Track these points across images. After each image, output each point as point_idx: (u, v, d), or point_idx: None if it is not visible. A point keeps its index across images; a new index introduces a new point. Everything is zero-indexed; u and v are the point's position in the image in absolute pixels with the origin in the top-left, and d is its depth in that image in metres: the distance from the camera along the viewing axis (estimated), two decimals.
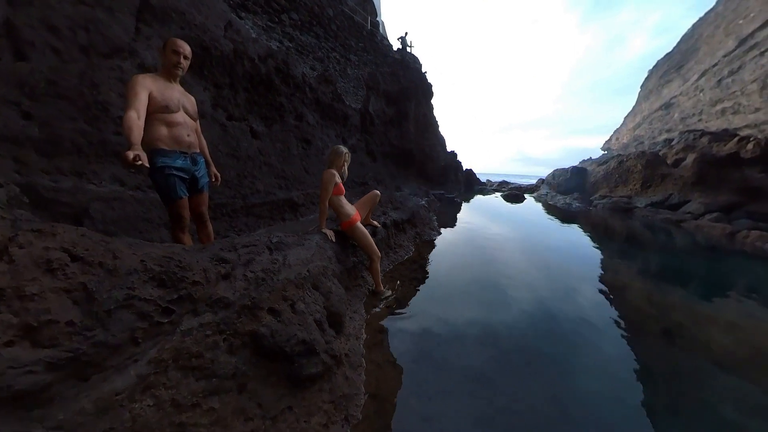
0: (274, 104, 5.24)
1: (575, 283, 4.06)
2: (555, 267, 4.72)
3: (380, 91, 9.78)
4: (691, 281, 4.54)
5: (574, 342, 2.59)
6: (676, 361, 2.44)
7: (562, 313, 3.08)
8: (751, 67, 20.04)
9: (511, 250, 5.42)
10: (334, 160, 2.68)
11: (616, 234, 7.48)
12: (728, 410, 1.93)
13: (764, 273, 5.17)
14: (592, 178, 14.16)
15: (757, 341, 2.81)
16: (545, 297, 3.46)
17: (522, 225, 8.00)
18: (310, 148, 5.61)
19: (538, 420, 1.73)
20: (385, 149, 9.17)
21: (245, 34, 5.13)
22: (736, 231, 7.31)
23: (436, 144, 12.15)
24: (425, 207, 6.76)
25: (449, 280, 3.62)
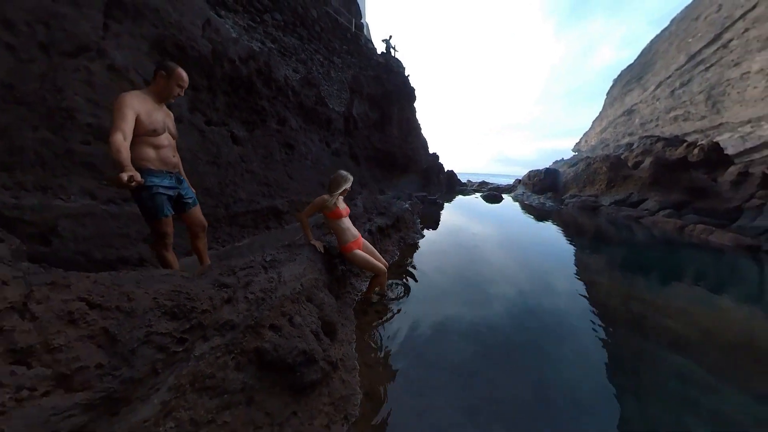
0: (255, 108, 5.06)
1: (550, 276, 4.36)
2: (531, 262, 5.03)
3: (364, 95, 9.72)
4: (649, 272, 5.01)
5: (551, 332, 2.80)
6: (638, 346, 2.71)
7: (539, 305, 3.32)
8: (698, 80, 22.47)
9: (491, 247, 5.67)
10: (333, 186, 2.60)
11: (585, 230, 8.06)
12: (678, 387, 2.22)
13: (708, 261, 5.88)
14: (564, 178, 15.22)
15: (703, 324, 3.17)
16: (523, 290, 3.70)
17: (500, 223, 8.37)
18: (294, 154, 5.48)
19: (521, 406, 1.89)
20: (369, 153, 9.14)
21: (225, 33, 4.91)
22: (685, 225, 8.28)
23: (418, 147, 12.27)
24: (409, 210, 6.83)
25: (434, 280, 3.71)
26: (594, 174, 13.26)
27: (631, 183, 11.52)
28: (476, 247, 5.57)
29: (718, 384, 2.28)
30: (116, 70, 3.03)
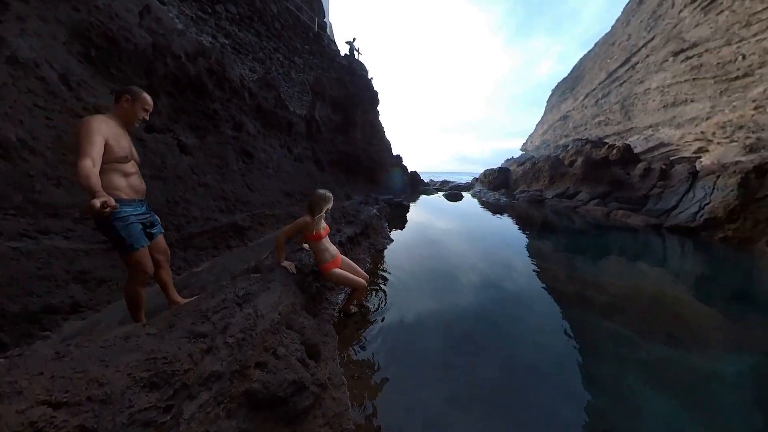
0: (206, 112, 4.58)
1: (507, 262, 4.97)
2: (491, 251, 5.67)
3: (326, 97, 9.43)
4: (585, 252, 5.97)
5: (511, 313, 3.19)
6: (580, 317, 3.23)
7: (499, 289, 3.75)
8: (614, 93, 27.27)
9: (455, 241, 6.13)
10: (314, 208, 2.48)
11: (533, 221, 9.27)
12: (611, 346, 2.75)
13: (627, 239, 7.29)
14: (514, 176, 17.11)
15: (625, 293, 3.90)
16: (485, 276, 4.14)
17: (462, 219, 9.08)
18: (253, 162, 5.09)
19: (493, 384, 2.14)
20: (333, 157, 8.91)
21: (168, 24, 4.35)
22: (610, 211, 10.29)
23: (382, 150, 12.34)
24: (377, 215, 6.84)
25: (405, 282, 3.81)
26: (538, 172, 15.25)
27: (568, 179, 13.53)
28: (442, 243, 5.94)
29: (638, 339, 2.85)
30: (20, 64, 2.48)
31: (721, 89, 18.41)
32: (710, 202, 7.85)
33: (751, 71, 17.43)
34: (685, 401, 2.12)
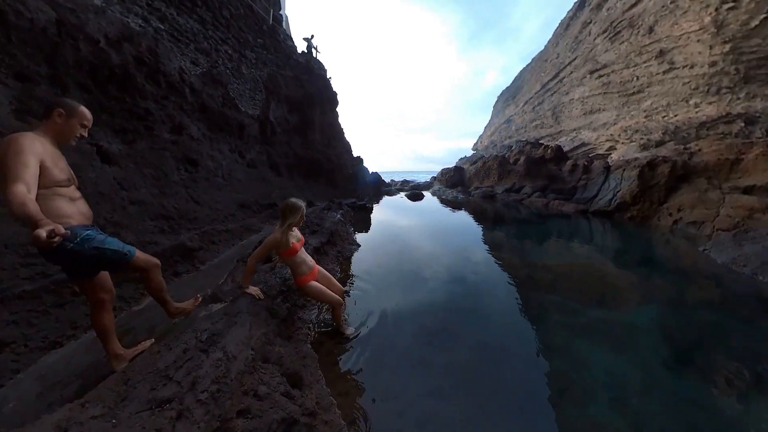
0: (135, 111, 3.88)
1: (468, 252, 5.43)
2: (452, 243, 6.13)
3: (282, 97, 8.81)
4: (532, 238, 6.84)
5: (476, 299, 3.48)
6: (533, 296, 3.66)
7: (463, 277, 4.05)
8: (547, 102, 31.69)
9: (419, 238, 6.41)
10: (287, 217, 2.22)
11: (487, 214, 10.41)
12: (558, 317, 3.17)
13: (563, 224, 8.58)
14: (468, 174, 18.63)
15: (565, 270, 4.58)
16: (451, 268, 4.42)
17: (424, 217, 9.59)
18: (198, 171, 4.48)
19: (469, 369, 2.29)
20: (290, 161, 8.36)
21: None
22: (548, 202, 11.99)
23: (343, 152, 12.05)
24: (342, 221, 6.64)
25: (377, 286, 3.77)
26: (489, 170, 16.89)
27: (514, 175, 15.28)
28: (407, 241, 6.12)
29: (578, 306, 3.35)
30: None
31: (623, 102, 22.69)
32: (620, 190, 9.62)
33: (642, 89, 21.67)
34: (616, 349, 2.65)
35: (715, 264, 5.04)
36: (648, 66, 20.89)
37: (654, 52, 20.72)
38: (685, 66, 19.02)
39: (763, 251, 4.74)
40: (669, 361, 2.54)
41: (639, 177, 9.16)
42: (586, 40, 26.43)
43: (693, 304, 3.68)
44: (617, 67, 22.96)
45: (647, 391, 2.16)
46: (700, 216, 7.43)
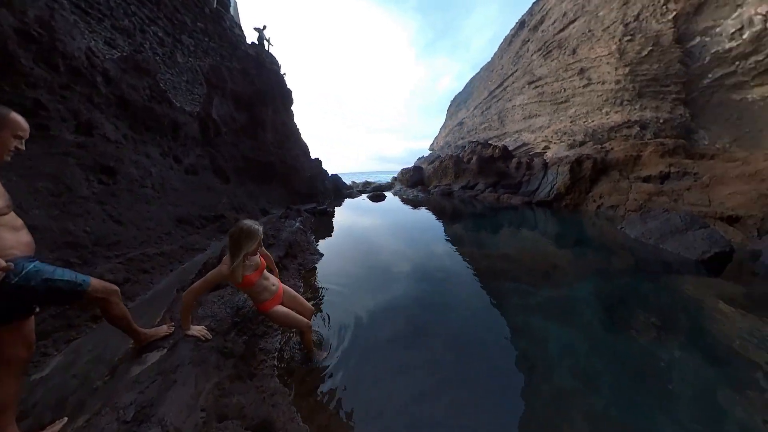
0: (21, 104, 2.98)
1: (431, 247, 5.65)
2: (415, 240, 6.33)
3: (227, 92, 7.83)
4: (488, 230, 7.44)
5: (441, 292, 3.61)
6: (493, 284, 3.91)
7: (432, 274, 4.16)
8: (494, 107, 35.45)
9: (384, 239, 6.41)
10: (240, 246, 1.81)
11: (446, 210, 10.93)
12: (516, 300, 3.45)
13: (513, 216, 9.46)
14: (427, 173, 19.89)
15: (518, 257, 5.04)
16: (418, 265, 4.50)
17: (387, 217, 9.64)
18: (117, 181, 3.64)
19: (444, 365, 2.34)
20: (239, 165, 7.48)
21: None
22: (500, 196, 13.08)
23: (299, 154, 11.30)
24: (301, 229, 6.17)
25: (345, 295, 3.58)
26: (446, 169, 18.11)
27: (468, 173, 16.64)
28: (372, 243, 6.02)
29: (532, 288, 3.73)
30: None
31: (554, 109, 26.64)
32: (556, 183, 11.28)
33: (568, 99, 25.70)
34: (565, 321, 3.05)
35: (629, 238, 6.19)
36: (572, 80, 24.83)
37: (576, 69, 24.56)
38: (599, 82, 23.12)
39: (660, 225, 5.94)
40: (605, 323, 3.05)
41: (570, 171, 11.07)
42: (525, 55, 30.99)
43: (616, 272, 4.46)
44: (549, 80, 26.84)
45: (594, 352, 2.56)
46: (616, 201, 9.28)
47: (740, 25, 19.17)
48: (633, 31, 22.16)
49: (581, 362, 2.43)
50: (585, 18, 24.82)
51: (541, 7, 29.84)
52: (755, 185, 6.92)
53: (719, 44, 19.69)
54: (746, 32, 19.18)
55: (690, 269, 4.51)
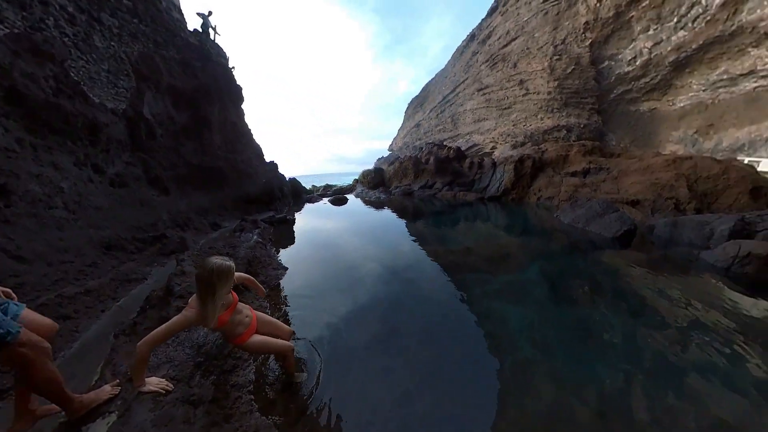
0: None
1: (396, 245, 5.87)
2: (380, 239, 6.50)
3: (164, 86, 6.73)
4: (447, 226, 7.93)
5: (409, 288, 3.77)
6: (456, 276, 4.18)
7: (400, 273, 4.30)
8: (448, 110, 38.08)
9: (349, 242, 6.40)
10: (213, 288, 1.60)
11: (408, 209, 11.41)
12: (477, 288, 3.77)
13: (469, 211, 10.33)
14: (388, 174, 20.13)
15: (475, 250, 5.45)
16: (385, 266, 4.60)
17: (351, 220, 9.58)
18: (10, 202, 2.82)
19: (427, 360, 2.44)
20: (181, 172, 6.50)
21: None
22: (456, 193, 14.19)
23: (252, 157, 10.35)
24: (260, 242, 5.65)
25: (315, 308, 3.44)
26: (405, 169, 18.76)
27: (426, 173, 17.51)
28: (337, 248, 5.92)
29: (490, 276, 4.13)
30: None
31: (499, 114, 29.75)
32: (503, 179, 12.71)
33: (511, 105, 28.99)
34: (520, 300, 3.45)
35: (563, 224, 7.34)
36: (513, 90, 28.03)
37: (517, 80, 27.69)
38: (535, 92, 26.49)
39: (585, 212, 7.28)
40: (552, 296, 3.55)
41: (514, 170, 12.68)
42: (475, 65, 34.05)
43: (556, 253, 5.29)
44: (495, 88, 29.78)
45: (545, 323, 2.98)
46: (551, 193, 11.07)
47: (634, 54, 23.91)
48: (560, 52, 26.09)
49: (537, 333, 2.82)
50: (524, 37, 28.21)
51: (489, 24, 33.01)
52: (648, 176, 8.81)
53: (621, 68, 24.36)
54: (638, 60, 23.96)
55: (609, 244, 5.65)
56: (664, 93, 23.66)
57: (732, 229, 5.06)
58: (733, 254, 4.30)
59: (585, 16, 24.28)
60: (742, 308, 3.22)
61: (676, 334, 2.77)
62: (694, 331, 2.79)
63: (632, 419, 1.88)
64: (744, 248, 4.26)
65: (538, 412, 1.95)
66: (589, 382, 2.19)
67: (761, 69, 19.09)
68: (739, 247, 4.31)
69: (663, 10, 21.16)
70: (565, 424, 1.86)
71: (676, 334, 2.77)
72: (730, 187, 7.35)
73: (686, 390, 2.11)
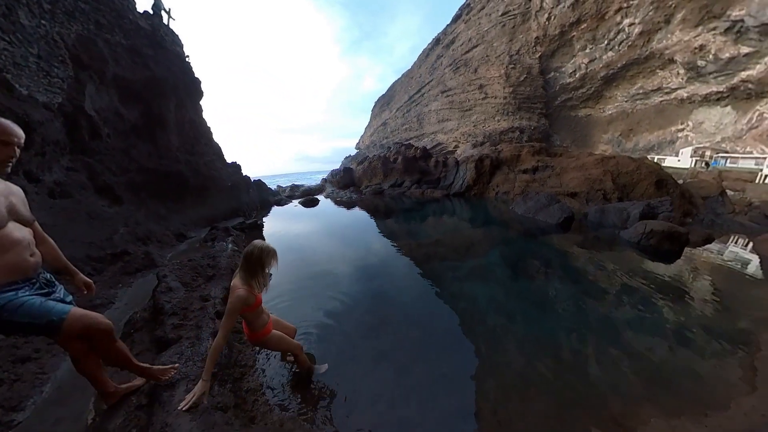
0: None
1: (369, 243, 6.08)
2: (353, 238, 6.71)
3: (109, 77, 5.80)
4: (418, 221, 8.45)
5: (394, 283, 4.00)
6: (427, 267, 4.58)
7: (377, 269, 4.54)
8: (414, 110, 39.17)
9: (324, 244, 6.47)
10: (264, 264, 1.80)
11: (379, 208, 11.73)
12: (449, 274, 4.19)
13: (437, 207, 11.08)
14: (357, 174, 20.03)
15: (445, 241, 6.03)
16: (362, 263, 4.79)
17: (324, 221, 9.56)
18: None
19: (414, 344, 2.68)
20: (135, 178, 5.72)
21: None
22: (423, 191, 14.89)
23: (214, 159, 9.48)
24: (236, 251, 5.32)
25: (303, 311, 3.44)
26: (374, 169, 18.85)
27: (395, 172, 17.83)
28: (313, 250, 5.96)
29: (459, 264, 4.57)
30: None
31: (461, 115, 31.55)
32: (466, 177, 13.69)
33: (471, 108, 31.00)
34: (486, 280, 3.95)
35: (518, 214, 8.41)
36: (474, 93, 29.87)
37: (477, 85, 29.51)
38: (492, 97, 28.55)
39: (535, 204, 8.46)
40: (512, 275, 4.16)
41: (475, 168, 13.88)
42: (439, 68, 35.75)
43: (513, 239, 6.17)
44: (457, 91, 31.38)
45: (508, 297, 3.50)
46: (507, 188, 12.46)
47: (574, 68, 27.19)
48: (515, 61, 28.49)
49: (502, 305, 3.32)
50: (484, 45, 30.16)
51: (453, 30, 34.70)
52: (583, 172, 10.48)
53: (563, 79, 27.55)
54: (577, 73, 27.31)
55: (554, 230, 6.79)
56: (597, 102, 27.48)
57: (641, 212, 6.58)
58: (641, 231, 5.53)
59: (536, 31, 26.91)
60: (650, 271, 4.25)
61: (608, 295, 3.55)
62: (620, 292, 3.61)
63: (583, 365, 2.37)
64: (649, 227, 5.49)
65: (507, 364, 2.38)
66: (546, 340, 2.68)
67: (666, 87, 23.29)
68: (645, 226, 5.56)
69: (597, 33, 24.45)
70: (530, 374, 2.28)
71: (608, 295, 3.55)
72: (642, 180, 9.03)
73: (620, 338, 2.73)
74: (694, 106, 23.00)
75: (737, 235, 6.44)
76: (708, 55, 20.06)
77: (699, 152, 22.49)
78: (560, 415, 1.91)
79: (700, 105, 22.72)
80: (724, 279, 4.09)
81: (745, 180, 17.93)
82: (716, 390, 2.10)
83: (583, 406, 1.98)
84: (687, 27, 20.48)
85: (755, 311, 3.17)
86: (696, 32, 20.17)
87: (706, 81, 21.24)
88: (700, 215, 7.98)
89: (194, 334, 2.32)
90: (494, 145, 19.54)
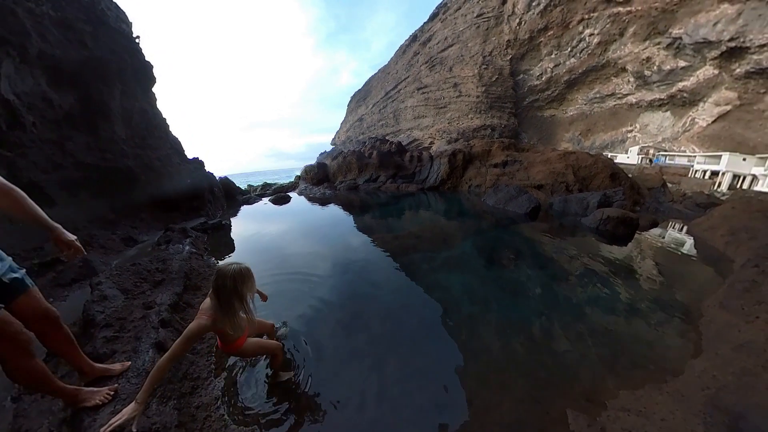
0: None
1: (346, 239, 6.00)
2: (329, 235, 6.46)
3: (32, 55, 4.91)
4: (394, 216, 8.40)
5: (370, 277, 3.99)
6: (404, 259, 4.54)
7: (353, 264, 4.44)
8: (390, 106, 38.98)
9: (297, 241, 6.11)
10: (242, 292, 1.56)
11: (354, 204, 11.40)
12: (425, 265, 4.21)
13: (412, 201, 11.10)
14: (332, 169, 19.59)
15: (421, 234, 5.95)
16: (338, 260, 4.65)
17: (296, 219, 9.17)
18: None
19: (388, 334, 2.69)
20: (70, 175, 4.92)
21: None
22: (399, 185, 14.88)
23: (171, 154, 8.58)
24: (196, 253, 4.88)
25: (274, 311, 3.25)
26: (349, 164, 18.57)
27: (370, 167, 17.70)
28: (284, 248, 5.66)
29: (434, 255, 4.62)
30: None
31: (437, 112, 32.21)
32: (440, 171, 14.29)
33: (446, 105, 31.85)
34: (460, 270, 4.04)
35: (489, 206, 8.79)
36: (449, 91, 30.52)
37: (452, 83, 30.14)
38: (466, 95, 29.38)
39: (504, 195, 8.86)
40: (485, 264, 4.29)
41: (449, 162, 14.28)
42: (416, 65, 36.01)
43: (485, 229, 6.36)
44: (433, 89, 31.78)
45: (482, 285, 3.59)
46: (479, 182, 12.92)
47: (541, 71, 28.88)
48: (488, 62, 29.53)
49: (476, 293, 3.39)
50: (459, 45, 30.81)
51: (430, 28, 35.04)
52: (548, 166, 11.22)
53: (531, 81, 29.17)
54: (544, 76, 29.03)
55: (522, 219, 7.16)
56: (561, 104, 29.49)
57: (599, 201, 7.26)
58: (599, 218, 6.07)
59: (508, 35, 28.10)
60: (607, 253, 4.63)
61: (572, 277, 3.79)
62: (582, 274, 3.86)
63: (554, 344, 2.49)
64: (606, 213, 6.06)
65: (482, 352, 2.45)
66: (519, 323, 2.78)
67: (618, 92, 25.67)
68: (603, 213, 6.11)
69: (562, 41, 26.17)
70: (504, 359, 2.34)
71: (572, 277, 3.79)
72: (599, 173, 10.06)
73: (584, 316, 2.91)
74: (641, 110, 25.60)
75: (675, 221, 7.34)
76: (653, 66, 22.38)
77: (644, 150, 25.59)
78: (534, 397, 1.95)
79: (646, 110, 25.35)
80: (666, 257, 4.57)
81: (680, 174, 21.18)
82: (670, 356, 2.29)
83: (556, 385, 2.03)
84: (637, 40, 22.65)
85: (693, 284, 3.60)
86: (644, 45, 22.38)
87: (651, 89, 23.71)
88: (646, 204, 9.06)
89: (131, 347, 2.02)
90: (467, 141, 20.20)
